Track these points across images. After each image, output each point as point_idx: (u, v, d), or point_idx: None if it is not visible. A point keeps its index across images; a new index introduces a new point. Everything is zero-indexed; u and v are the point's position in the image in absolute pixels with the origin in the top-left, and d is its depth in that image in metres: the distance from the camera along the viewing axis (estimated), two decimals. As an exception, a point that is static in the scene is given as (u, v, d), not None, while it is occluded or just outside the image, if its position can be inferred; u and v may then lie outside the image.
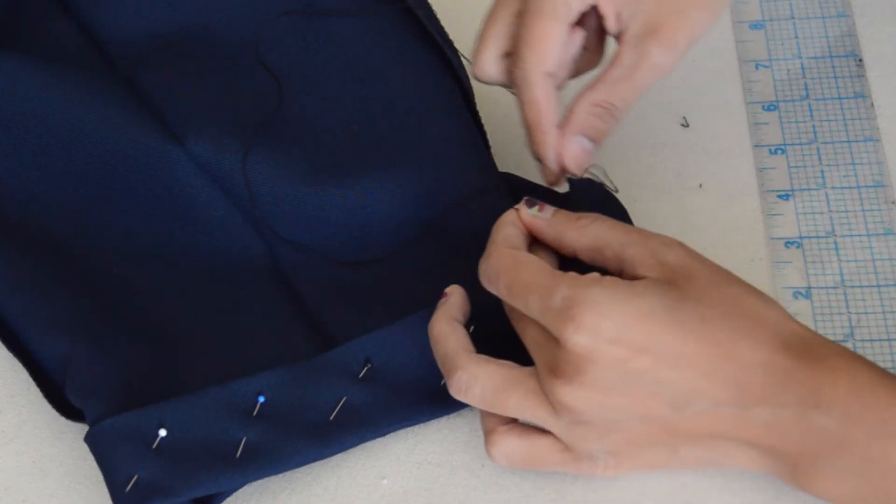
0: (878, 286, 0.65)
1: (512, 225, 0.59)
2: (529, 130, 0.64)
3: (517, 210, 0.60)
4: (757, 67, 0.74)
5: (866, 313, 0.64)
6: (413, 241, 0.66)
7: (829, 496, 0.54)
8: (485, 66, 0.65)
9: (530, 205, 0.60)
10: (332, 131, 0.70)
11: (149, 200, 0.69)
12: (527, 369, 0.56)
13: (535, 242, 0.60)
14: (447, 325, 0.59)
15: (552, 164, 0.64)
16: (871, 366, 0.53)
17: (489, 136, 0.70)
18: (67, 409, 0.63)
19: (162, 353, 0.63)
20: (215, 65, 0.73)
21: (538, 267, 0.56)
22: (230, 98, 0.71)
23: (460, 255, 0.65)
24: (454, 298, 0.60)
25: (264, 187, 0.67)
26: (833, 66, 0.74)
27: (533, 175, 0.68)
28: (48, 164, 0.69)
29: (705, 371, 0.52)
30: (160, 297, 0.66)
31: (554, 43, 0.62)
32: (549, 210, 0.59)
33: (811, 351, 0.53)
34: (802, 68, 0.74)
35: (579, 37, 0.64)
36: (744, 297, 0.54)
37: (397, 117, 0.70)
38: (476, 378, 0.56)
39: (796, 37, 0.76)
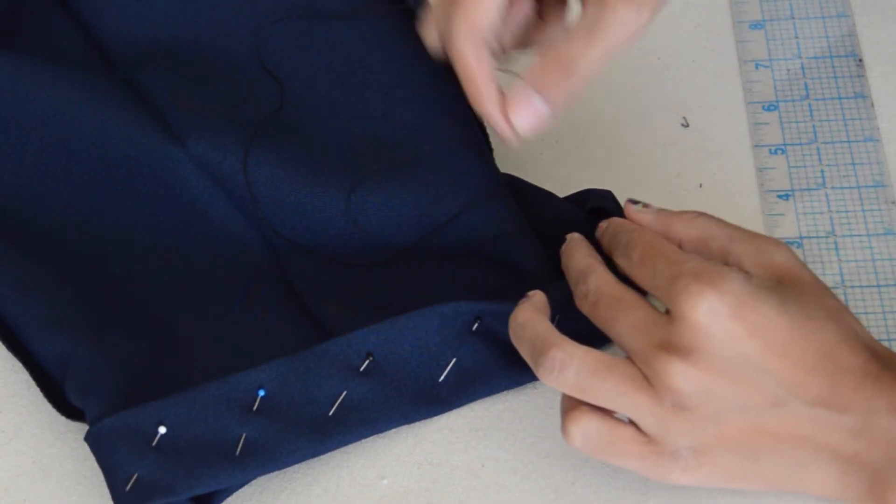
0: (878, 286, 0.65)
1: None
2: (465, 86, 0.62)
3: (627, 204, 0.61)
4: (757, 67, 0.74)
5: (866, 313, 0.64)
6: (415, 244, 0.66)
7: None
8: (426, 34, 0.64)
9: (634, 202, 0.61)
10: (334, 133, 0.70)
11: (150, 201, 0.69)
12: (621, 357, 0.55)
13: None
14: (535, 314, 0.58)
15: (497, 120, 0.63)
16: None
17: (489, 136, 0.70)
18: (68, 408, 0.63)
19: (162, 353, 0.63)
20: (216, 67, 0.73)
21: (673, 246, 0.57)
22: (231, 100, 0.71)
23: (462, 258, 0.65)
24: (538, 296, 0.59)
25: (265, 188, 0.67)
26: (833, 66, 0.74)
27: (531, 176, 0.69)
28: (49, 164, 0.69)
29: (808, 366, 0.53)
30: (161, 297, 0.66)
31: (487, 6, 0.61)
32: (654, 207, 0.61)
33: None
34: (802, 68, 0.74)
35: (526, 5, 0.63)
36: (842, 309, 0.56)
37: (399, 120, 0.70)
38: (572, 357, 0.55)
39: (796, 37, 0.76)
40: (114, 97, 0.70)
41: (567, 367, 0.55)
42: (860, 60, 0.74)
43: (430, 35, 0.65)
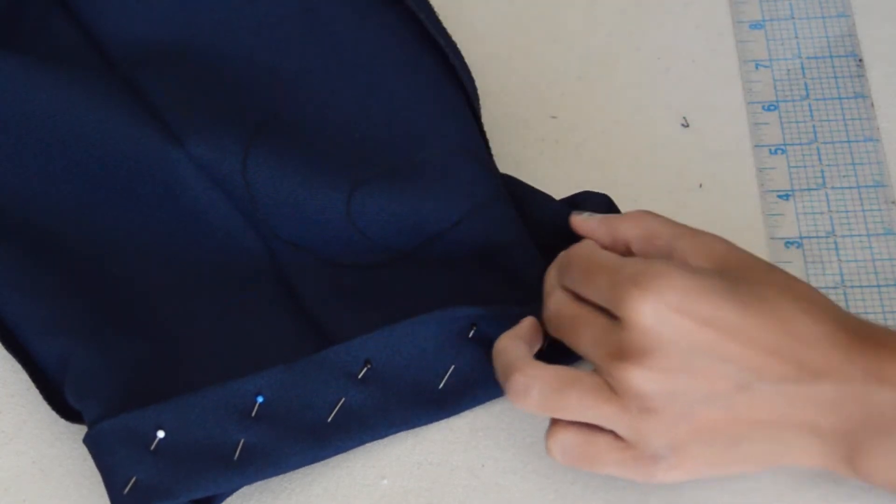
0: (878, 286, 0.65)
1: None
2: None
3: (572, 218, 0.62)
4: (757, 67, 0.74)
5: (866, 313, 0.64)
6: (415, 247, 0.66)
7: (887, 477, 0.54)
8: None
9: (579, 213, 0.62)
10: (334, 135, 0.70)
11: (149, 201, 0.69)
12: (584, 370, 0.56)
13: None
14: (511, 341, 0.58)
15: None
16: None
17: (489, 135, 0.70)
18: (67, 410, 0.62)
19: (161, 355, 0.63)
20: (216, 68, 0.73)
21: (611, 254, 0.57)
22: (231, 101, 0.71)
23: (461, 264, 0.65)
24: (525, 323, 0.60)
25: (265, 189, 0.67)
26: (833, 66, 0.74)
27: (531, 176, 0.69)
28: (49, 164, 0.69)
29: (768, 347, 0.53)
30: (160, 299, 0.66)
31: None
32: (598, 215, 0.62)
33: (867, 331, 0.54)
34: (802, 68, 0.74)
35: None
36: (795, 281, 0.56)
37: (399, 122, 0.70)
38: (534, 379, 0.56)
39: (796, 37, 0.76)
40: (114, 97, 0.70)
41: (531, 388, 0.56)
42: (860, 60, 0.74)
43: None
